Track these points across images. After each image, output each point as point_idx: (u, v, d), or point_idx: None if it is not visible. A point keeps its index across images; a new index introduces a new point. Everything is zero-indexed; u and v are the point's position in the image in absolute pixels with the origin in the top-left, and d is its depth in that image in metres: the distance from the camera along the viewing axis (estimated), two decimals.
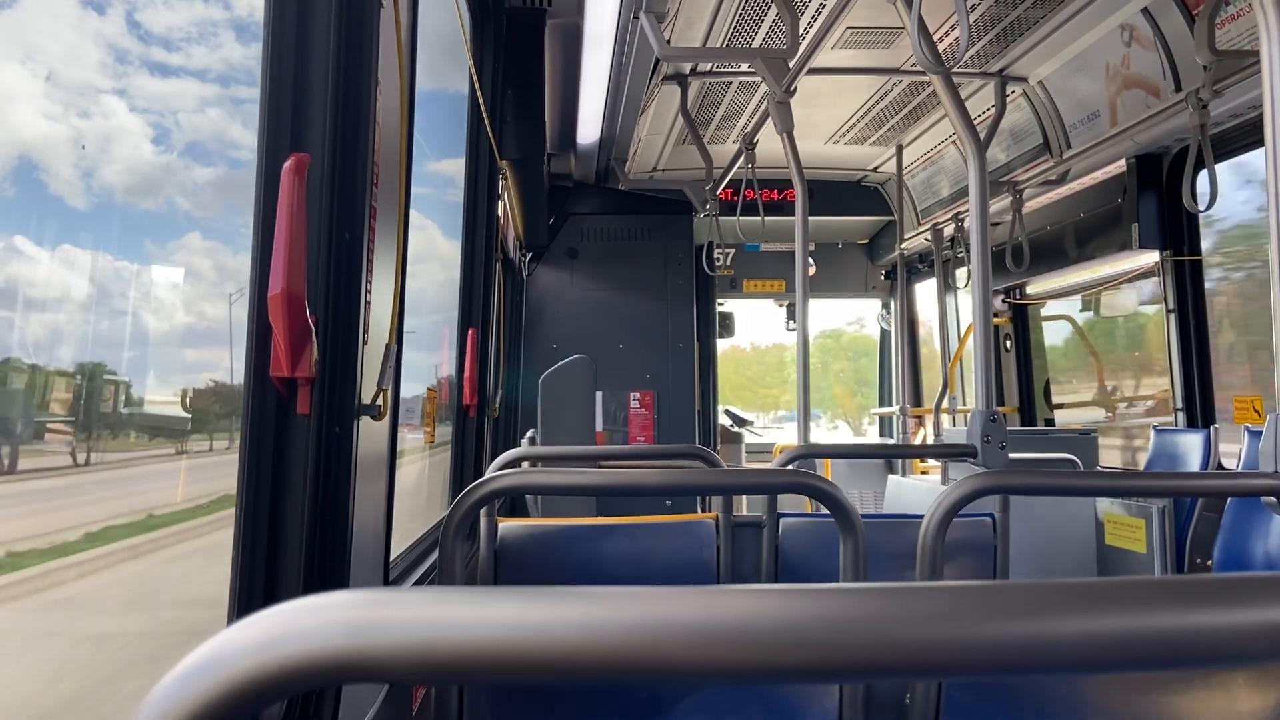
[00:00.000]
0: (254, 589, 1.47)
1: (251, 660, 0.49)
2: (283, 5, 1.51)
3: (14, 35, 1.70)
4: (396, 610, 0.50)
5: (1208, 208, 4.21)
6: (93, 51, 1.90)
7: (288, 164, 1.42)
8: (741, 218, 6.08)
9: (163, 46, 2.13)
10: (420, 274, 4.52)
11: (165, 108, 2.16)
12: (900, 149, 6.81)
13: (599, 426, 6.98)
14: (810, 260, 5.22)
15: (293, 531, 1.50)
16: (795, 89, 4.18)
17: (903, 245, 7.51)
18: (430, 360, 4.46)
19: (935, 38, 4.65)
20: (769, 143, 5.18)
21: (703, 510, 6.07)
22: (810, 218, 4.56)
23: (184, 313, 2.37)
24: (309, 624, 0.50)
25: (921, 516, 1.84)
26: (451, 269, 4.25)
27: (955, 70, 4.86)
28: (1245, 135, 4.53)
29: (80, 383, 1.91)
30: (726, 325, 8.79)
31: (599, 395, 6.89)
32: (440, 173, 4.53)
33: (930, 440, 7.33)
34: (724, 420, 9.17)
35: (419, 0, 2.05)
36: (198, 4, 2.31)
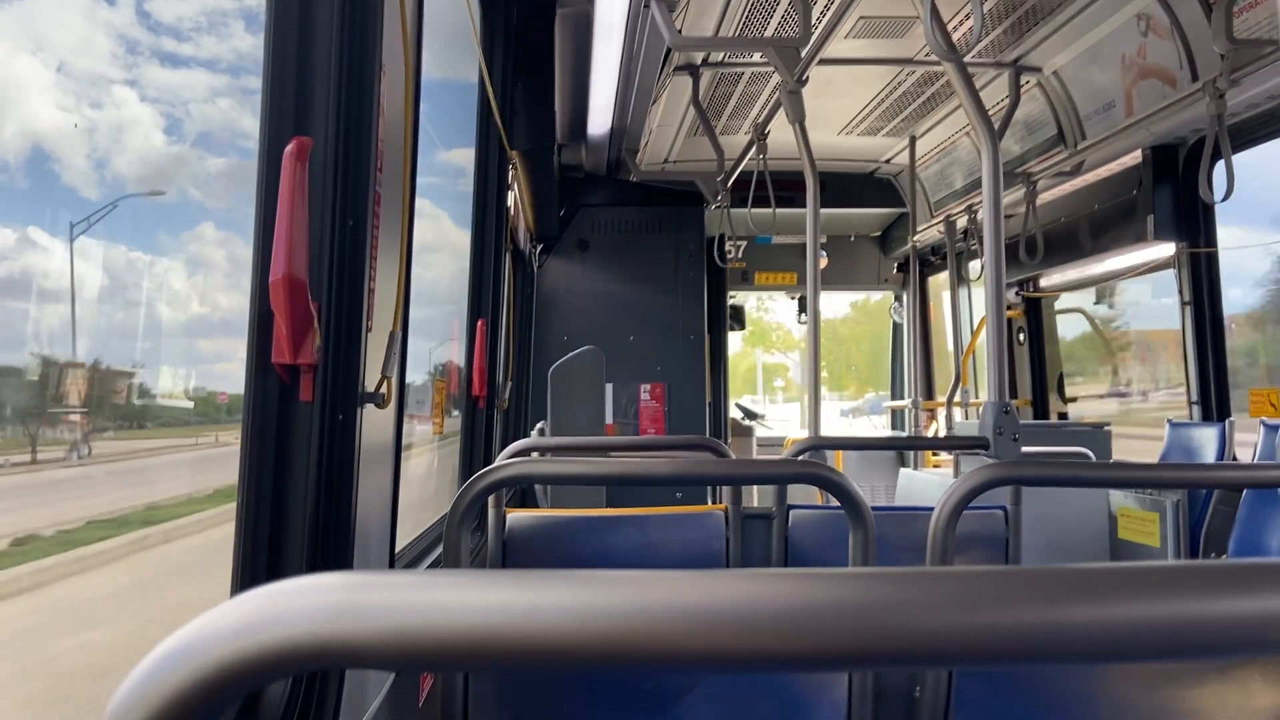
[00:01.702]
0: (256, 577, 1.46)
1: (232, 644, 0.47)
2: None
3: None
4: (383, 593, 0.48)
5: (1224, 199, 4.16)
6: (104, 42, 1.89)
7: (290, 147, 1.40)
8: (753, 210, 6.05)
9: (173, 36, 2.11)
10: (429, 263, 4.50)
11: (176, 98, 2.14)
12: (913, 140, 6.76)
13: (609, 419, 6.96)
14: (822, 252, 5.18)
15: (295, 519, 1.48)
16: (807, 79, 4.15)
17: (915, 238, 7.47)
18: (437, 350, 4.45)
19: (949, 27, 4.60)
20: (781, 134, 5.15)
21: (713, 503, 6.05)
22: (822, 210, 4.52)
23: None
24: (291, 607, 0.48)
25: (932, 509, 1.82)
26: (460, 259, 4.24)
27: (969, 60, 4.82)
28: (1264, 125, 4.47)
29: None
30: (737, 317, 8.76)
31: (609, 387, 6.87)
32: (449, 162, 4.51)
33: (942, 434, 7.29)
34: (735, 413, 9.15)
35: None
36: None
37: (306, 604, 0.48)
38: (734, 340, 9.38)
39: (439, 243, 4.49)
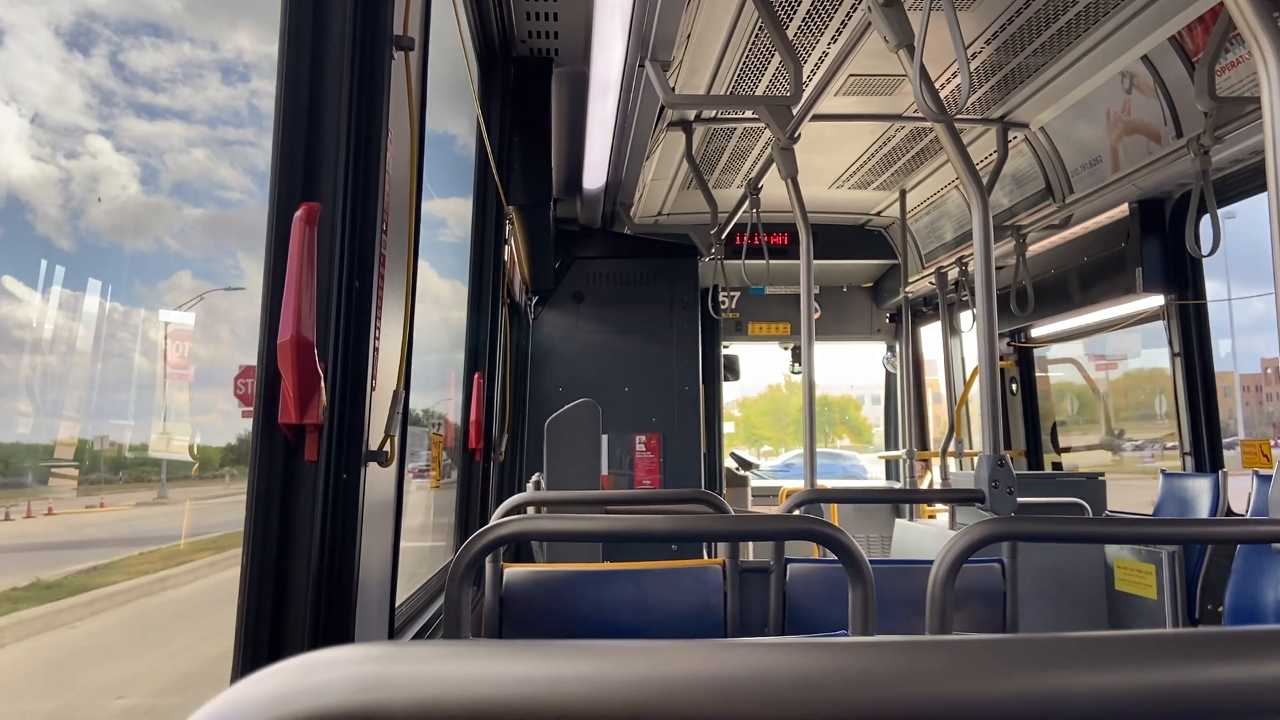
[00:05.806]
0: (259, 639, 1.46)
1: (269, 713, 0.48)
2: (296, 56, 1.53)
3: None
4: (410, 666, 0.50)
5: (1210, 252, 4.23)
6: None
7: (299, 212, 1.43)
8: (746, 261, 6.11)
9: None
10: (423, 314, 4.52)
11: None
12: (903, 194, 6.85)
13: (605, 470, 6.95)
14: (815, 303, 5.23)
15: (299, 580, 1.49)
16: (799, 135, 4.22)
17: (907, 289, 7.54)
18: (430, 401, 4.46)
19: (937, 85, 4.70)
20: (773, 187, 5.22)
21: (709, 552, 6.03)
22: (815, 261, 4.58)
23: None
24: (320, 680, 0.49)
25: (930, 563, 1.82)
26: (448, 310, 4.27)
27: (957, 117, 4.91)
28: (1247, 180, 4.56)
29: None
30: (732, 368, 8.79)
31: (605, 438, 6.86)
32: (445, 215, 4.56)
33: (937, 484, 7.29)
34: (730, 463, 9.14)
35: (429, 51, 2.08)
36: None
37: (338, 676, 0.49)
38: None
39: (423, 292, 4.51)
